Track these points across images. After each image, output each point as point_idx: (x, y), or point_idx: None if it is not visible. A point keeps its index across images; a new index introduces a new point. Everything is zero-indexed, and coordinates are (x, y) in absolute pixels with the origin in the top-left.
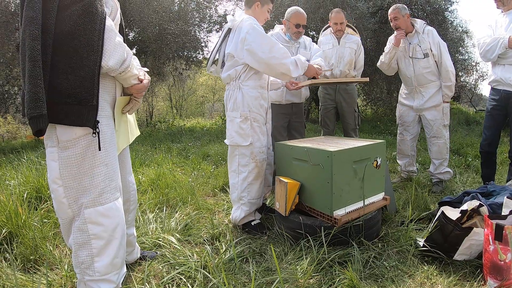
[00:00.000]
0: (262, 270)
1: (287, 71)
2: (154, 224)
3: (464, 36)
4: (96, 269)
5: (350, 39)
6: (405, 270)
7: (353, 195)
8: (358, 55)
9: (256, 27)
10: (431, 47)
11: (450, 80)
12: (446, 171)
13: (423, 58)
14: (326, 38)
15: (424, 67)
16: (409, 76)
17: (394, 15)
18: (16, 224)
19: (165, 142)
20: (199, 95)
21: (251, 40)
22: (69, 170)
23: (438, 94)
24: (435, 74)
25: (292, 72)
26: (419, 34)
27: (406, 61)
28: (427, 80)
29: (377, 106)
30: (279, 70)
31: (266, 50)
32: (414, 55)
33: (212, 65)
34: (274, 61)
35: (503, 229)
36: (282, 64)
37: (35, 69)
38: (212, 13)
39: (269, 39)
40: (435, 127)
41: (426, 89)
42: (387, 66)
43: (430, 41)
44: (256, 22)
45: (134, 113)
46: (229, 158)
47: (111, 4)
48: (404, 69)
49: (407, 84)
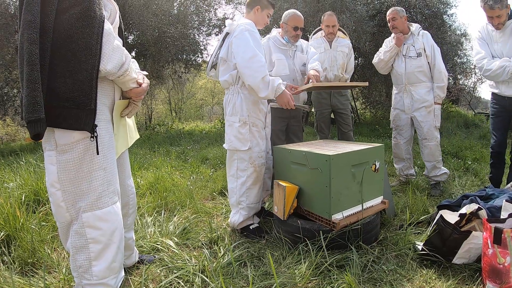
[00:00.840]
0: (260, 274)
1: (255, 87)
2: (152, 228)
3: (462, 39)
4: (94, 273)
5: (341, 43)
6: (403, 274)
7: (352, 199)
8: (349, 58)
9: (246, 34)
10: (424, 48)
11: (442, 81)
12: (443, 172)
13: (416, 57)
14: (317, 42)
15: (417, 65)
16: (400, 73)
17: (392, 16)
18: (14, 227)
19: (164, 145)
20: (198, 98)
21: (236, 44)
22: (67, 174)
23: (428, 95)
24: (426, 75)
25: (260, 90)
26: (414, 35)
27: (399, 60)
28: (417, 79)
29: (376, 110)
30: (248, 82)
31: (245, 57)
32: (407, 54)
33: (211, 70)
34: (247, 72)
35: (502, 232)
36: (253, 77)
37: (33, 73)
38: (211, 16)
39: (252, 48)
40: (426, 129)
41: (416, 88)
42: (385, 64)
43: (424, 42)
44: (252, 27)
45: (133, 116)
46: (228, 163)
47: (110, 7)
48: (396, 66)
49: (397, 82)
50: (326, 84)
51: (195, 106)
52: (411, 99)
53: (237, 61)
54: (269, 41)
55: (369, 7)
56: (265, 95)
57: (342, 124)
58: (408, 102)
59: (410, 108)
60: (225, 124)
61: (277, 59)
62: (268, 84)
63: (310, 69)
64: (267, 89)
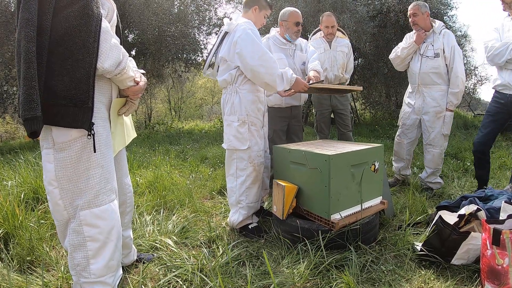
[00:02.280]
0: (259, 274)
1: (273, 83)
2: (151, 227)
3: (463, 40)
4: (92, 271)
5: (341, 43)
6: (402, 274)
7: (351, 199)
8: (349, 58)
9: (250, 32)
10: (444, 48)
11: (457, 87)
12: (437, 182)
13: (433, 57)
14: (316, 43)
15: (432, 66)
16: (414, 72)
17: (413, 11)
18: (13, 224)
19: (163, 144)
20: (198, 98)
21: (243, 45)
22: (64, 172)
23: (441, 99)
24: (442, 77)
25: (278, 85)
26: (435, 34)
27: (416, 58)
28: (431, 80)
29: (376, 110)
30: (265, 80)
31: (256, 56)
32: (424, 53)
33: (208, 68)
34: (262, 70)
35: (501, 233)
36: (269, 74)
37: (30, 70)
38: (211, 15)
39: (260, 46)
40: (433, 135)
41: (429, 90)
42: (401, 61)
43: (444, 42)
44: (252, 26)
45: (130, 114)
46: (227, 162)
47: (108, 6)
48: (412, 64)
49: (412, 81)
50: (322, 85)
51: (195, 105)
52: (422, 100)
53: (247, 61)
54: (269, 41)
55: (369, 7)
56: (283, 87)
57: (341, 125)
58: (419, 103)
59: (420, 110)
60: (224, 124)
61: (278, 58)
62: (283, 77)
63: (310, 69)
64: (283, 81)
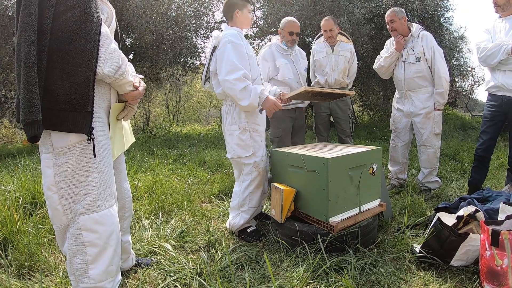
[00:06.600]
0: (258, 277)
1: (235, 97)
2: (149, 231)
3: (459, 42)
4: (91, 277)
5: (344, 47)
6: (401, 276)
7: (349, 201)
8: (351, 63)
9: (228, 46)
10: (424, 52)
11: (442, 87)
12: (435, 181)
13: (415, 62)
14: (319, 46)
15: (416, 71)
16: (399, 79)
17: (390, 18)
18: (11, 230)
19: (162, 148)
20: (196, 101)
21: (218, 58)
22: (63, 177)
23: (429, 101)
24: (427, 80)
25: (240, 100)
26: (414, 38)
27: (399, 65)
28: (417, 85)
29: (373, 112)
30: (230, 94)
31: (224, 71)
32: (406, 59)
33: (205, 83)
34: (226, 84)
35: (499, 234)
36: (232, 90)
37: (30, 74)
38: (209, 19)
39: (232, 62)
40: (425, 135)
41: (417, 94)
42: (386, 70)
43: (423, 45)
44: (235, 37)
45: (129, 119)
46: (234, 169)
47: (107, 11)
48: (396, 71)
49: (399, 88)
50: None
51: (193, 109)
52: (411, 104)
53: (219, 76)
54: (272, 48)
55: (366, 10)
56: (248, 103)
57: (339, 130)
58: (408, 108)
59: (410, 114)
60: (225, 134)
61: (281, 64)
62: (250, 93)
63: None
64: (249, 97)
